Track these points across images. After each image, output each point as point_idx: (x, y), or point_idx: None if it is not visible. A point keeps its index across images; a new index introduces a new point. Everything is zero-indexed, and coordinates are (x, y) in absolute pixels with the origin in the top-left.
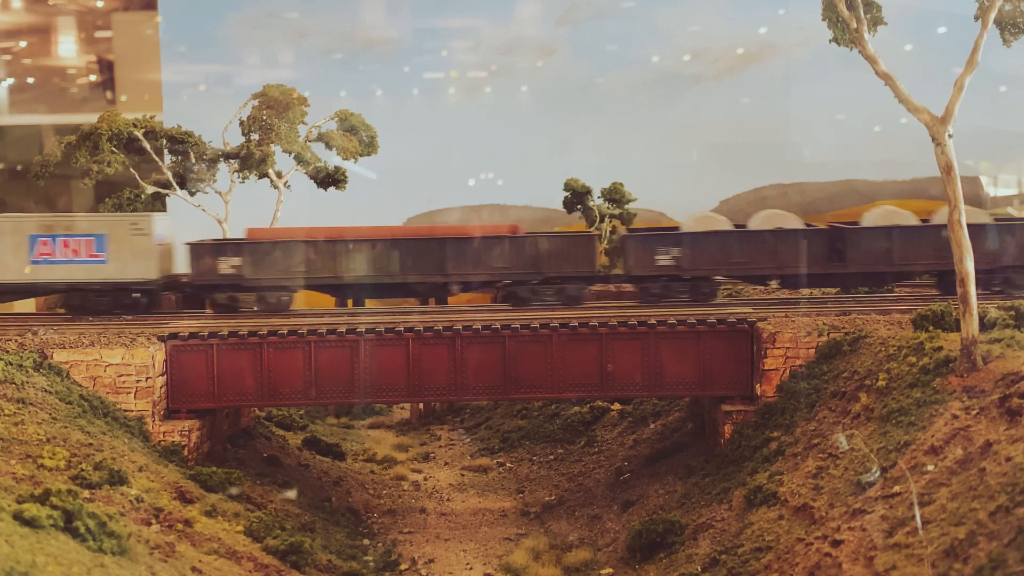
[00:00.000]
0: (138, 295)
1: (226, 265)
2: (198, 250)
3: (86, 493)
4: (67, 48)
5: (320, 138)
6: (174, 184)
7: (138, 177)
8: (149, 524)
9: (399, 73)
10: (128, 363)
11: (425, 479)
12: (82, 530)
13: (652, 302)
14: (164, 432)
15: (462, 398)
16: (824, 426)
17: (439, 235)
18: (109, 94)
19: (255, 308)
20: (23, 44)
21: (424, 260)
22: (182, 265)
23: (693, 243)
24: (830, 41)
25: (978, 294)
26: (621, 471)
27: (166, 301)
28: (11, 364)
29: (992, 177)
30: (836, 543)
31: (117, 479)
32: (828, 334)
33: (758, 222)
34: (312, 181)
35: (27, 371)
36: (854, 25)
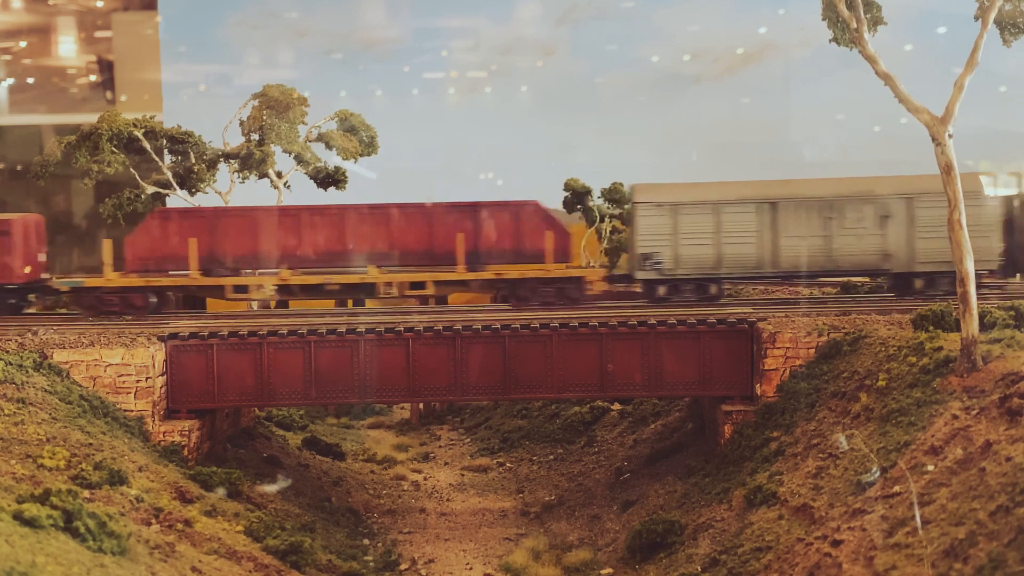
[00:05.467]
0: None
1: None
2: None
3: (86, 493)
4: (67, 48)
5: (320, 138)
6: (174, 184)
7: (138, 177)
8: (149, 524)
9: (399, 73)
10: (128, 363)
11: (425, 479)
12: (82, 530)
13: None
14: (164, 432)
15: (462, 398)
16: (824, 426)
17: None
18: (109, 94)
19: None
20: (23, 44)
21: None
22: None
23: None
24: (830, 41)
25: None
26: (621, 471)
27: None
28: (11, 364)
29: (992, 177)
30: (836, 543)
31: (117, 479)
32: (828, 334)
33: None
34: (312, 181)
35: (27, 371)
36: (854, 25)
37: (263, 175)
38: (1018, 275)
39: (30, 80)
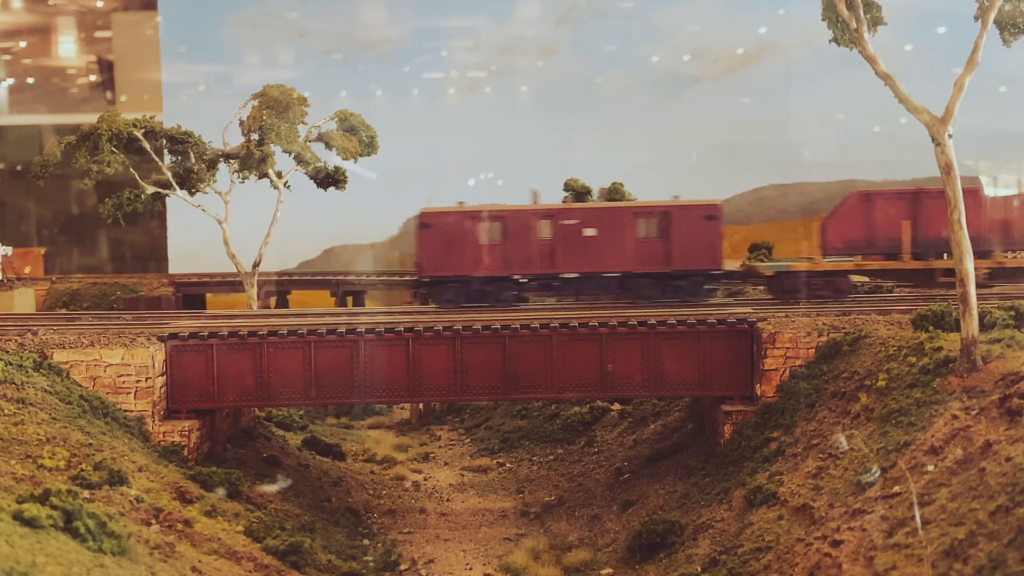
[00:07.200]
0: None
1: None
2: None
3: (86, 493)
4: (67, 48)
5: (320, 138)
6: (174, 184)
7: (138, 177)
8: (149, 524)
9: (399, 73)
10: (128, 363)
11: (425, 479)
12: (82, 530)
13: None
14: (164, 432)
15: (462, 398)
16: (824, 426)
17: None
18: (109, 94)
19: None
20: (23, 44)
21: None
22: None
23: None
24: (830, 41)
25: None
26: (621, 471)
27: None
28: (11, 364)
29: (992, 177)
30: (836, 543)
31: (117, 479)
32: (828, 334)
33: None
34: (312, 181)
35: (27, 371)
36: (854, 25)
37: (263, 175)
38: None
39: (30, 80)
